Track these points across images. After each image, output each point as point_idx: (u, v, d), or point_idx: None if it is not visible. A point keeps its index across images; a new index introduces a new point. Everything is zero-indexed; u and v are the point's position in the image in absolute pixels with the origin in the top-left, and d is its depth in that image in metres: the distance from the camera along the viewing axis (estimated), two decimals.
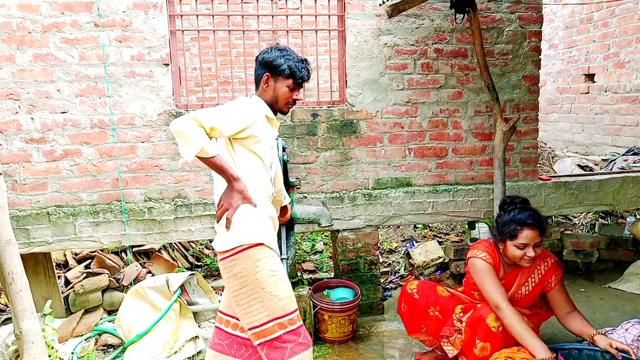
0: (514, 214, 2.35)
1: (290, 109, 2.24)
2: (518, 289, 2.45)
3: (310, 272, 4.36)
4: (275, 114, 2.19)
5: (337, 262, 3.58)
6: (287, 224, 2.94)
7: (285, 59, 2.10)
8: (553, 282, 2.43)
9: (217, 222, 2.05)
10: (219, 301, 3.37)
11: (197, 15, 3.28)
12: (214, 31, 3.36)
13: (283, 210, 2.59)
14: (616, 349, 2.14)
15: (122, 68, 3.08)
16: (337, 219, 3.38)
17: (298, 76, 2.12)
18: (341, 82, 3.44)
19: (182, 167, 3.24)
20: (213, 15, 3.28)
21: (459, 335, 2.42)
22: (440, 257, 4.19)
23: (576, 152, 5.88)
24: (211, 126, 1.89)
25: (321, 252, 4.92)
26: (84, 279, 3.45)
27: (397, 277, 4.17)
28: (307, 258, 4.76)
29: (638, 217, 4.49)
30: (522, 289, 2.45)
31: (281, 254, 2.77)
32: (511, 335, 2.24)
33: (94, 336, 3.18)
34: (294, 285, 3.04)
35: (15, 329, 2.63)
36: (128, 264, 3.82)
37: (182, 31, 3.26)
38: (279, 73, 2.11)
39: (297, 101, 2.21)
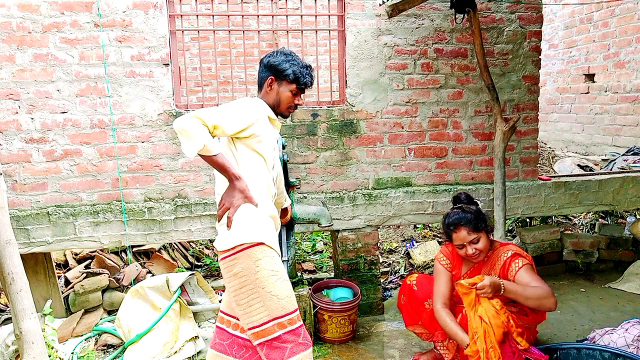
0: (445, 217, 2.48)
1: (291, 113, 2.26)
2: None
3: (310, 272, 4.36)
4: (277, 117, 2.20)
5: (337, 262, 3.58)
6: (287, 224, 2.94)
7: (291, 64, 2.12)
8: (514, 270, 2.37)
9: (219, 221, 2.05)
10: (219, 301, 3.39)
11: (197, 15, 3.28)
12: (214, 31, 3.36)
13: (284, 212, 2.59)
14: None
15: (122, 68, 3.08)
16: (337, 219, 3.38)
17: (302, 82, 2.14)
18: (341, 82, 3.44)
19: (182, 167, 3.24)
20: (213, 15, 3.28)
21: (451, 341, 2.48)
22: None
23: (576, 152, 5.88)
24: (214, 124, 1.90)
25: (321, 252, 4.92)
26: (84, 279, 3.46)
27: (397, 277, 4.17)
28: (307, 258, 4.77)
29: (638, 217, 4.49)
30: None
31: (282, 256, 2.78)
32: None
33: (94, 336, 3.18)
34: (294, 285, 3.04)
35: (15, 329, 2.63)
36: (128, 264, 3.82)
37: (182, 31, 3.26)
38: (284, 77, 2.13)
39: (298, 106, 2.23)
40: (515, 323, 2.29)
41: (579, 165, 4.90)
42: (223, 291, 3.00)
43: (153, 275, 3.79)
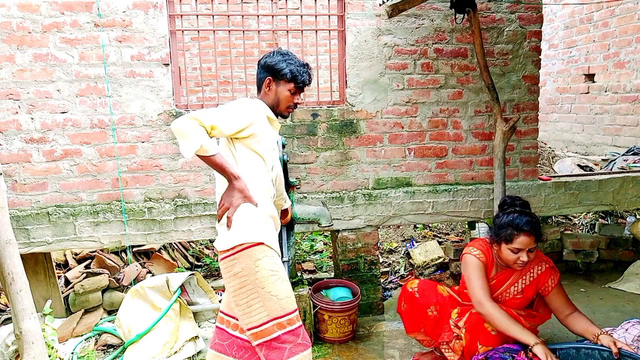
0: (513, 217, 2.34)
1: (291, 113, 2.26)
2: (507, 289, 2.46)
3: (310, 272, 4.36)
4: (277, 117, 2.20)
5: (337, 262, 3.58)
6: (287, 225, 2.94)
7: (287, 63, 2.12)
8: (550, 286, 2.43)
9: (219, 221, 2.05)
10: (219, 301, 3.39)
11: (197, 15, 3.28)
12: (214, 31, 3.36)
13: (284, 213, 2.59)
14: (619, 349, 2.13)
15: (122, 68, 3.08)
16: (337, 219, 3.38)
17: (299, 80, 2.14)
18: (341, 82, 3.44)
19: (182, 167, 3.24)
20: (213, 15, 3.28)
21: (457, 341, 2.42)
22: (440, 257, 4.19)
23: (576, 152, 5.88)
24: (211, 125, 1.90)
25: (321, 252, 4.92)
26: (84, 279, 3.46)
27: (397, 277, 4.17)
28: (307, 258, 4.76)
29: (638, 217, 4.49)
30: (510, 289, 2.46)
31: (282, 256, 2.79)
32: (510, 335, 2.24)
33: (94, 336, 3.18)
34: (294, 285, 3.04)
35: (15, 329, 2.63)
36: (128, 264, 3.82)
37: (182, 31, 3.26)
38: (281, 77, 2.13)
39: (298, 105, 2.23)
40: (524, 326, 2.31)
41: (579, 165, 4.89)
42: (223, 291, 3.00)
43: (153, 275, 3.79)
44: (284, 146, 2.89)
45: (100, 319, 3.33)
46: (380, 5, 3.23)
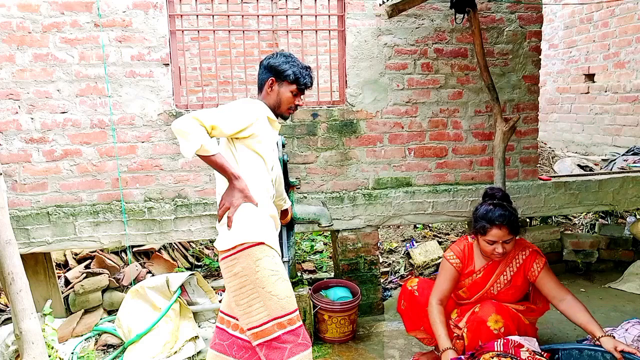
0: (486, 210, 2.40)
1: (291, 114, 2.28)
2: (497, 279, 2.48)
3: (310, 272, 4.36)
4: (277, 118, 2.21)
5: (337, 262, 3.58)
6: (288, 225, 2.94)
7: (290, 65, 2.15)
8: (536, 270, 2.43)
9: (219, 221, 2.06)
10: (219, 301, 3.39)
11: (197, 15, 3.28)
12: (214, 31, 3.36)
13: (284, 213, 2.60)
14: (622, 351, 2.12)
15: (122, 68, 3.08)
16: (337, 219, 3.38)
17: (302, 82, 2.17)
18: (341, 82, 3.44)
19: (182, 167, 3.24)
20: (213, 15, 3.28)
21: (458, 341, 2.43)
22: (440, 257, 4.18)
23: (576, 152, 5.88)
24: (212, 125, 1.91)
25: (321, 252, 4.92)
26: (84, 279, 3.46)
27: (397, 277, 4.17)
28: (307, 258, 4.76)
29: (638, 217, 4.49)
30: (500, 278, 2.48)
31: (282, 256, 2.78)
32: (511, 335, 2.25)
33: (94, 336, 3.18)
34: (294, 285, 3.04)
35: (15, 329, 2.63)
36: (128, 264, 3.82)
37: (182, 31, 3.26)
38: (284, 78, 2.14)
39: (298, 107, 2.25)
40: (522, 324, 2.30)
41: (579, 165, 4.90)
42: (223, 291, 3.01)
43: (153, 275, 3.79)
44: (284, 146, 2.89)
45: (100, 319, 3.33)
46: (380, 5, 3.23)
